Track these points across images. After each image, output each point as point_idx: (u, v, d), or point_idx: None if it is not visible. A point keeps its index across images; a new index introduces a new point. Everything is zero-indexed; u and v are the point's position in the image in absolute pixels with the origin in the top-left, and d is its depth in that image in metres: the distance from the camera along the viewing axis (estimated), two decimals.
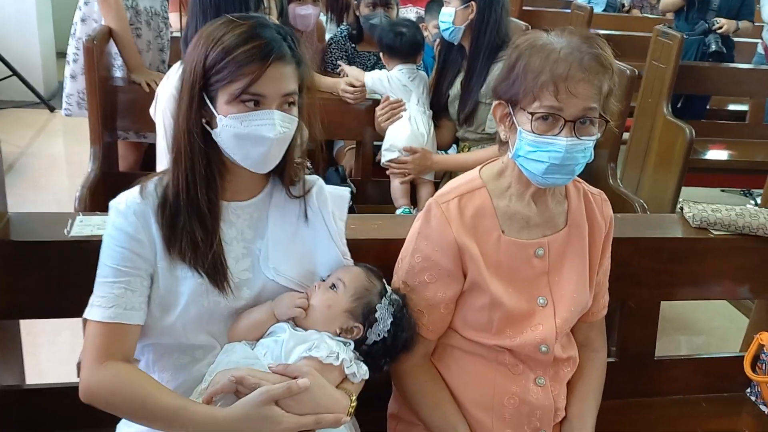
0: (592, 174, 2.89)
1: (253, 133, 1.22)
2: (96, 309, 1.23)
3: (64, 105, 3.00)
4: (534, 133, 1.28)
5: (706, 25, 4.36)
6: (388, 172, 2.65)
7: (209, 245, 1.26)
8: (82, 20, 2.92)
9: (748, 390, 1.95)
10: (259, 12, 2.04)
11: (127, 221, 1.25)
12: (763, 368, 1.88)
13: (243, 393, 1.17)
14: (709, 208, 1.86)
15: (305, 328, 1.31)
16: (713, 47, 4.37)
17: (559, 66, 1.24)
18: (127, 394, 1.20)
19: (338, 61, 3.11)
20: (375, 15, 3.08)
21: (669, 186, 3.81)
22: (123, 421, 1.35)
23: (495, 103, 1.37)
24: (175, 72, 2.15)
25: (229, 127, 1.22)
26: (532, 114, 1.27)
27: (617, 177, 2.86)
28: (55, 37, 5.57)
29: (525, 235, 1.41)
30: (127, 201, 1.27)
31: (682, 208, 1.90)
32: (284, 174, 1.36)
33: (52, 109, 5.12)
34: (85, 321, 1.25)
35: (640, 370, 1.89)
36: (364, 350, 1.33)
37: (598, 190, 1.53)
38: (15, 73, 4.96)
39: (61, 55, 5.56)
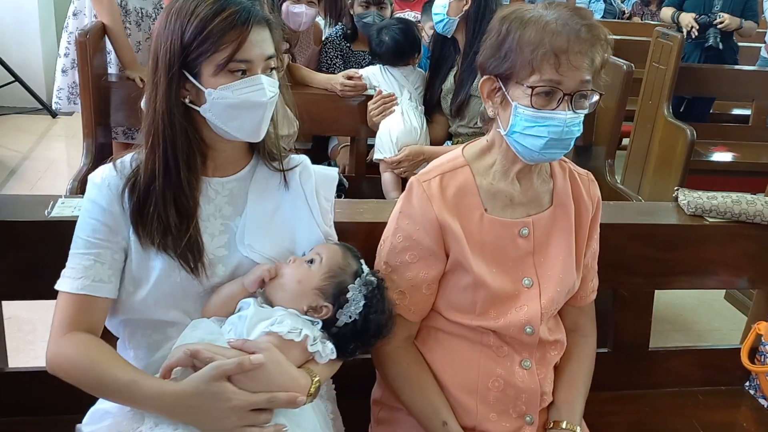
0: (590, 171, 2.83)
1: (247, 100, 1.21)
2: (65, 280, 1.22)
3: (54, 98, 3.01)
4: (533, 107, 1.25)
5: (708, 18, 4.33)
6: (381, 168, 2.63)
7: (184, 230, 1.24)
8: (74, 14, 2.93)
9: (747, 383, 1.91)
10: None
11: (101, 194, 1.24)
12: (762, 359, 1.84)
13: (200, 367, 1.13)
14: (704, 195, 1.83)
15: (274, 303, 1.27)
16: (710, 41, 4.33)
17: (559, 38, 1.21)
18: (84, 366, 1.18)
19: (334, 60, 3.11)
20: (368, 14, 3.07)
21: (670, 188, 3.72)
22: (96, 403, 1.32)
23: (482, 78, 1.33)
24: None
25: (221, 99, 1.20)
26: (532, 88, 1.24)
27: (614, 174, 2.83)
28: (58, 44, 5.58)
29: (509, 214, 1.38)
30: (102, 174, 1.26)
31: (677, 196, 1.87)
32: (264, 146, 1.35)
33: (54, 115, 5.13)
34: None
35: (634, 361, 1.85)
36: (333, 332, 1.28)
37: (586, 171, 1.50)
38: (17, 79, 4.98)
39: None
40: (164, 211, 1.23)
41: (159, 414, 1.15)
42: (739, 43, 4.63)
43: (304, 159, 1.42)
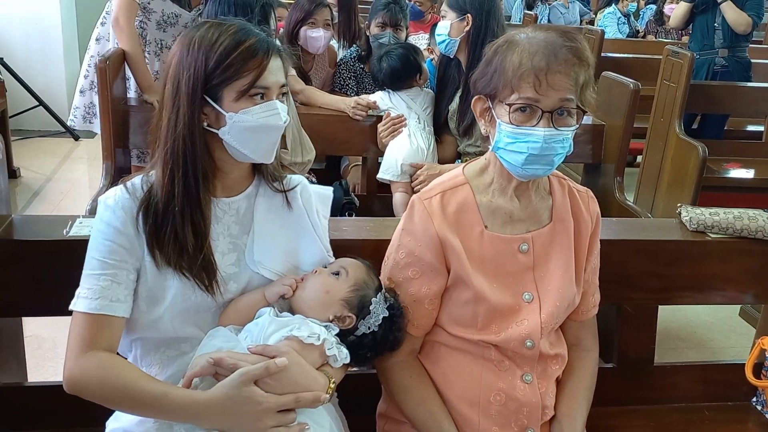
0: (598, 189, 2.90)
1: (265, 124, 1.29)
2: (82, 300, 1.25)
3: (70, 116, 3.12)
4: (512, 124, 1.31)
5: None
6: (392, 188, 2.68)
7: (199, 249, 1.29)
8: (97, 40, 3.06)
9: (754, 399, 1.91)
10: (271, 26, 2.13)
11: (115, 215, 1.28)
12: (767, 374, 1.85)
13: (222, 375, 1.19)
14: (707, 211, 1.85)
15: (299, 311, 1.33)
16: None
17: (538, 58, 1.27)
18: (111, 382, 1.21)
19: (347, 81, 3.17)
20: (384, 35, 3.13)
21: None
22: (113, 416, 1.37)
23: (475, 98, 1.40)
24: None
25: (241, 122, 1.27)
26: (510, 105, 1.30)
27: (624, 191, 2.85)
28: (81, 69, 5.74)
29: (508, 230, 1.42)
30: (115, 196, 1.30)
31: (680, 213, 1.90)
32: (266, 168, 1.41)
33: (76, 138, 5.25)
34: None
35: (639, 376, 1.87)
36: (350, 340, 1.35)
37: (585, 188, 1.54)
38: (41, 103, 5.11)
39: None
40: (182, 232, 1.28)
41: (191, 423, 1.21)
42: (753, 60, 4.65)
43: (303, 179, 1.49)
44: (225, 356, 1.20)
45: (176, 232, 1.28)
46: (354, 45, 4.11)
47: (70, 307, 1.26)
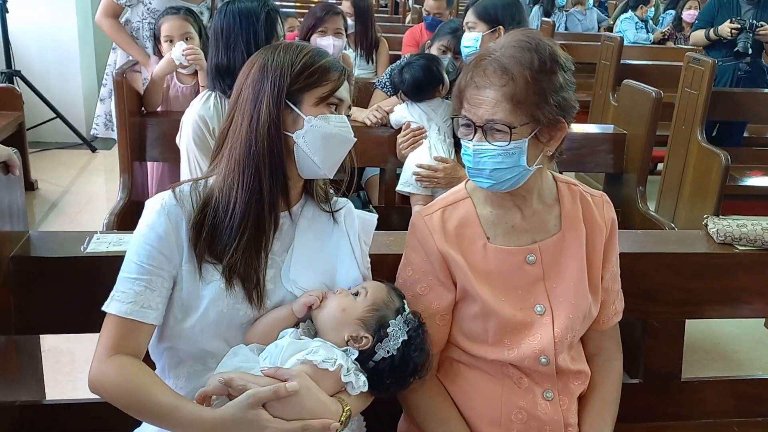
0: (620, 199, 2.87)
1: (340, 134, 1.33)
2: (114, 303, 1.25)
3: (93, 125, 3.17)
4: (460, 136, 1.35)
5: (744, 22, 4.30)
6: (416, 178, 2.62)
7: (264, 253, 1.31)
8: (113, 49, 3.12)
9: None
10: (278, 34, 2.13)
11: (159, 221, 1.28)
12: None
13: (234, 395, 1.16)
14: (734, 223, 1.81)
15: (318, 327, 1.31)
16: (739, 45, 4.32)
17: (464, 77, 1.32)
18: (127, 388, 1.21)
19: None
20: (445, 59, 3.09)
21: (706, 214, 3.71)
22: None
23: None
24: (199, 101, 2.22)
25: (318, 127, 1.29)
26: (452, 119, 1.34)
27: (646, 201, 2.81)
28: (98, 81, 5.78)
29: (513, 242, 1.39)
30: (162, 201, 1.30)
31: (706, 224, 1.86)
32: (317, 187, 1.42)
33: (93, 150, 5.28)
34: None
35: (666, 391, 1.83)
36: (370, 366, 1.30)
37: (600, 192, 1.50)
38: (58, 115, 5.15)
39: None
40: (253, 236, 1.29)
41: None
42: None
43: (348, 203, 1.49)
44: (236, 377, 1.17)
45: (247, 240, 1.28)
46: (372, 56, 4.12)
47: (103, 308, 1.26)
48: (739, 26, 4.34)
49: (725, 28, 4.39)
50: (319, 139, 1.30)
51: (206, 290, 1.28)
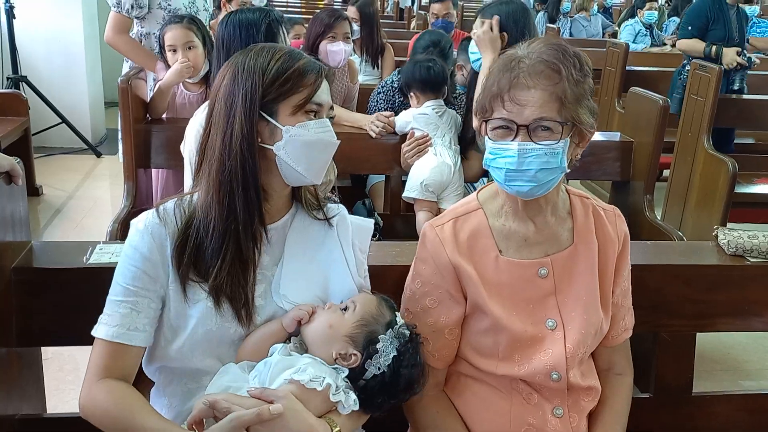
0: (627, 207, 2.84)
1: (322, 139, 1.28)
2: (102, 326, 1.24)
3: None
4: (491, 139, 1.30)
5: (747, 61, 4.26)
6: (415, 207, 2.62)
7: (251, 270, 1.27)
8: (126, 60, 3.12)
9: None
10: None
11: (143, 241, 1.25)
12: None
13: (220, 418, 1.13)
14: (745, 234, 1.78)
15: (307, 346, 1.27)
16: (736, 85, 4.27)
17: (505, 77, 1.27)
18: (115, 413, 1.20)
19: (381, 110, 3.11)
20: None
21: (713, 222, 3.69)
22: None
23: (476, 117, 1.37)
24: (203, 110, 2.20)
25: (298, 136, 1.24)
26: (486, 121, 1.30)
27: (654, 209, 2.78)
28: (104, 87, 5.79)
29: (525, 255, 1.37)
30: (146, 221, 1.28)
31: (717, 235, 1.83)
32: (305, 195, 1.38)
33: (98, 155, 5.29)
34: None
35: (677, 406, 1.80)
36: (360, 384, 1.25)
37: (612, 206, 1.48)
38: (64, 120, 5.15)
39: (109, 104, 5.82)
40: (236, 253, 1.25)
41: None
42: None
43: (342, 209, 1.44)
44: (221, 399, 1.14)
45: (230, 257, 1.24)
46: (378, 62, 4.11)
47: (92, 332, 1.25)
48: (746, 63, 4.28)
49: (731, 59, 4.30)
50: (300, 148, 1.25)
51: (193, 310, 1.25)
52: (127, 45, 3.15)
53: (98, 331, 1.24)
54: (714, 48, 4.34)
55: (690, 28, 4.42)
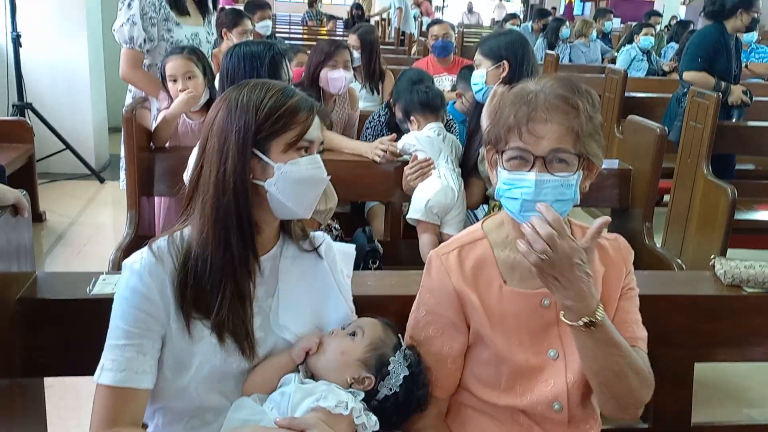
0: (627, 234, 2.83)
1: (312, 176, 1.30)
2: (106, 373, 1.22)
3: (123, 178, 3.18)
4: (507, 170, 1.30)
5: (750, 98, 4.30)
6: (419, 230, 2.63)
7: (249, 305, 1.29)
8: (133, 98, 3.18)
9: None
10: (281, 76, 2.16)
11: (142, 281, 1.24)
12: None
13: None
14: (742, 264, 1.80)
15: (318, 374, 1.30)
16: (733, 120, 4.31)
17: (522, 109, 1.28)
18: None
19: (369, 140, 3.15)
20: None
21: (713, 248, 3.71)
22: None
23: (485, 148, 1.40)
24: None
25: (289, 173, 1.26)
26: (502, 152, 1.31)
27: (653, 237, 2.80)
28: (108, 113, 5.84)
29: (529, 285, 1.38)
30: (141, 260, 1.26)
31: (714, 265, 1.84)
32: (293, 228, 1.39)
33: (102, 181, 5.32)
34: None
35: None
36: (374, 405, 1.31)
37: (614, 234, 1.50)
38: (68, 147, 5.19)
39: (113, 129, 5.87)
40: (234, 287, 1.27)
41: None
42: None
43: (326, 237, 1.47)
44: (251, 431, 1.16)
45: (228, 291, 1.26)
46: (378, 88, 4.17)
47: (94, 380, 1.23)
48: (749, 102, 4.31)
49: (737, 97, 4.35)
50: (291, 185, 1.27)
51: (197, 347, 1.26)
52: (143, 79, 3.17)
53: (103, 377, 1.22)
54: (723, 85, 4.34)
55: (699, 60, 4.40)
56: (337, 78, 3.07)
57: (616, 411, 1.38)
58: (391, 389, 1.31)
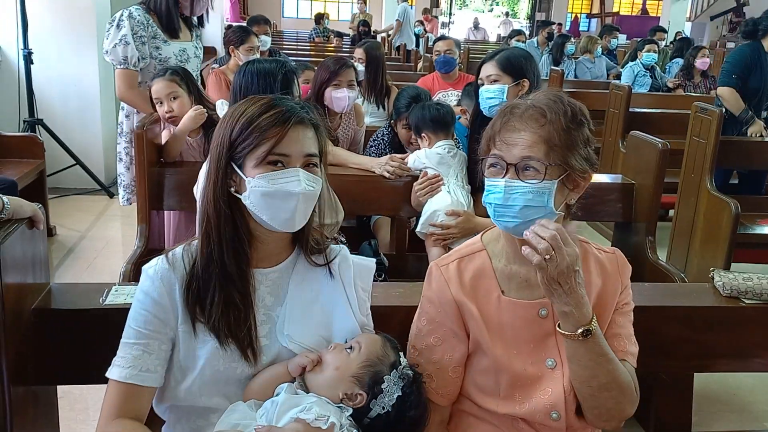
0: (630, 248, 2.88)
1: (281, 189, 1.30)
2: (115, 368, 1.30)
3: (123, 194, 3.25)
4: (485, 177, 1.38)
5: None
6: (433, 238, 2.65)
7: (244, 315, 1.32)
8: (127, 116, 3.23)
9: None
10: (293, 93, 2.22)
11: (154, 286, 1.32)
12: None
13: None
14: (740, 276, 1.83)
15: (311, 387, 1.32)
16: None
17: (499, 121, 1.36)
18: None
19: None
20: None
21: (717, 262, 3.73)
22: None
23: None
24: None
25: (258, 187, 1.29)
26: (482, 159, 1.38)
27: (656, 250, 2.82)
28: (117, 127, 5.91)
29: (526, 295, 1.42)
30: (156, 266, 1.34)
31: (713, 277, 1.88)
32: (305, 240, 1.42)
33: (111, 195, 5.38)
34: None
35: None
36: (365, 423, 1.30)
37: (612, 248, 1.53)
38: (78, 162, 5.26)
39: None
40: (226, 296, 1.31)
41: None
42: None
43: (343, 249, 1.49)
44: None
45: (221, 297, 1.31)
46: (384, 103, 4.23)
47: (106, 374, 1.30)
48: (765, 138, 4.38)
49: (755, 131, 4.43)
50: (261, 199, 1.30)
51: (202, 350, 1.31)
52: (139, 98, 3.24)
53: (112, 372, 1.30)
54: (749, 114, 4.46)
55: (734, 76, 4.49)
56: (340, 97, 3.12)
57: (598, 421, 1.41)
58: (383, 408, 1.30)
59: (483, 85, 2.64)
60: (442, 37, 4.69)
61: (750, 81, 4.48)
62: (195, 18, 3.43)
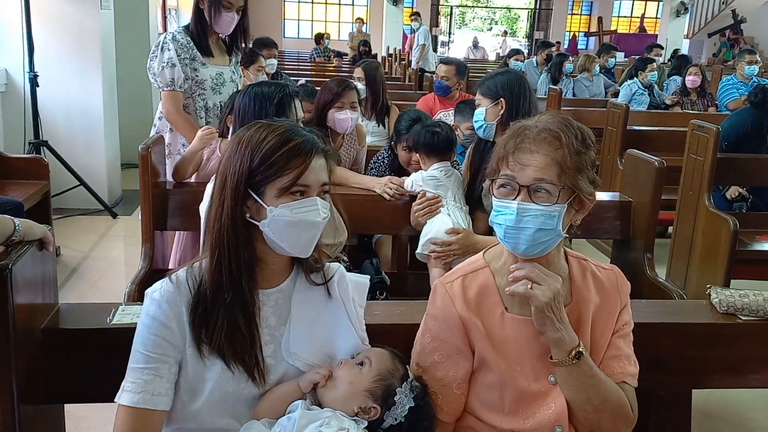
0: (629, 265, 2.91)
1: (303, 219, 1.34)
2: (126, 394, 1.31)
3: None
4: (495, 197, 1.40)
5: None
6: (434, 256, 2.67)
7: (250, 337, 1.35)
8: (159, 118, 3.29)
9: None
10: (289, 117, 2.25)
11: (160, 309, 1.34)
12: None
13: None
14: (736, 293, 1.86)
15: (326, 403, 1.35)
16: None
17: (511, 142, 1.39)
18: None
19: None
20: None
21: (716, 279, 3.75)
22: None
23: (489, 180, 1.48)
24: None
25: (281, 217, 1.33)
26: (493, 180, 1.40)
27: (654, 267, 2.85)
28: (121, 150, 5.97)
29: (528, 312, 1.44)
30: (161, 290, 1.36)
31: (710, 294, 1.90)
32: (305, 261, 1.46)
33: (114, 216, 5.42)
34: None
35: None
36: None
37: (611, 265, 1.56)
38: (82, 183, 5.30)
39: (126, 165, 6.00)
40: (233, 319, 1.34)
41: None
42: None
43: (340, 267, 1.53)
44: None
45: (228, 320, 1.33)
46: (384, 121, 4.28)
47: (115, 400, 1.31)
48: (747, 195, 4.43)
49: (731, 192, 4.47)
50: (283, 228, 1.34)
51: (210, 372, 1.34)
52: (185, 122, 3.26)
53: (122, 398, 1.31)
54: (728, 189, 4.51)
55: (725, 145, 4.42)
56: (343, 119, 3.18)
57: None
58: (396, 419, 1.36)
59: None
60: (448, 61, 4.71)
61: (745, 148, 4.48)
62: (227, 38, 3.44)
